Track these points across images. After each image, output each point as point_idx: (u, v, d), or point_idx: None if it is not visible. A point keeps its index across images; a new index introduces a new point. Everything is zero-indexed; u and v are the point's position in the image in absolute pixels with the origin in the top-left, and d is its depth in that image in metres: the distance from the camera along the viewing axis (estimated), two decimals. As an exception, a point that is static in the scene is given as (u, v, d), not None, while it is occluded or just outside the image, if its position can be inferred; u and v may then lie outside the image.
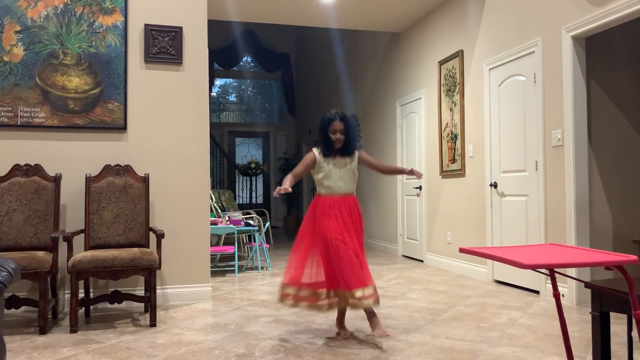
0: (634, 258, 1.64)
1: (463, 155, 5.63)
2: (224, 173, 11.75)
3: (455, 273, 5.71)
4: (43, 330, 3.37)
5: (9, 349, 3.05)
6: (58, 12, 4.13)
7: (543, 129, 4.41)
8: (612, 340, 3.11)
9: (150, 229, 3.98)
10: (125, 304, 4.22)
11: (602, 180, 4.35)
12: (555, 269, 3.15)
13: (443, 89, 6.06)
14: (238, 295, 4.59)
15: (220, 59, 12.15)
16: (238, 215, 6.16)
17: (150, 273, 3.56)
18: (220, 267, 6.28)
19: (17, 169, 3.88)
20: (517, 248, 2.07)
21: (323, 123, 3.27)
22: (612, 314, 3.70)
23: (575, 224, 4.08)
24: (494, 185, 5.07)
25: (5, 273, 1.84)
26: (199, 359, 2.84)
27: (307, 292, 3.15)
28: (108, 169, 4.04)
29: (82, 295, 4.00)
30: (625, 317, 3.60)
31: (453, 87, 5.83)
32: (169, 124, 4.34)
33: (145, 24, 4.27)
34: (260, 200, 13.09)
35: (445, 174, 6.00)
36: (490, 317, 3.73)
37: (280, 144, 13.44)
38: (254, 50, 12.49)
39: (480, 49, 5.35)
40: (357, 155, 3.32)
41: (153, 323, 3.55)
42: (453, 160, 5.83)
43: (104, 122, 4.19)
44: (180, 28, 4.34)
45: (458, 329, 3.40)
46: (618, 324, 3.46)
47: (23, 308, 4.05)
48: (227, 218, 6.03)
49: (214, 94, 13.20)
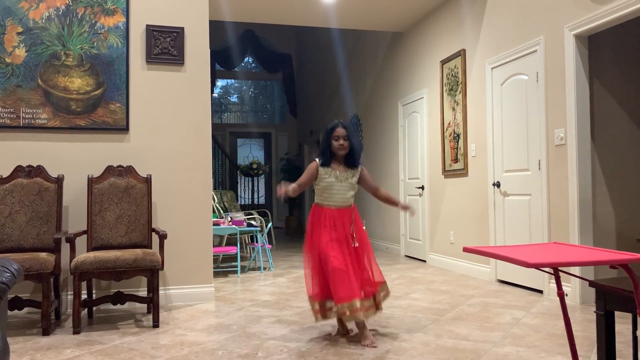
0: (639, 256, 1.64)
1: (465, 155, 5.62)
2: (226, 174, 11.76)
3: (458, 273, 5.70)
4: (46, 332, 3.37)
5: (12, 350, 3.05)
6: (60, 13, 4.13)
7: (546, 128, 4.40)
8: (616, 340, 3.10)
9: (153, 230, 3.98)
10: (128, 305, 4.21)
11: (605, 179, 4.34)
12: (560, 268, 3.14)
13: (445, 89, 6.05)
14: (241, 296, 4.59)
15: (222, 60, 12.15)
16: (240, 216, 6.16)
17: (153, 274, 3.56)
18: (223, 267, 6.28)
19: (19, 171, 3.88)
20: (520, 247, 2.06)
21: (326, 131, 3.29)
22: (616, 313, 3.69)
23: (579, 223, 4.07)
24: (497, 185, 5.05)
25: (8, 274, 1.84)
26: (202, 360, 2.84)
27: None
28: (110, 170, 4.04)
29: (84, 297, 4.00)
30: (630, 316, 3.59)
31: (455, 86, 5.82)
32: (171, 125, 4.34)
33: (147, 25, 4.27)
34: (262, 201, 13.09)
35: (448, 174, 5.99)
36: (494, 316, 3.72)
37: (282, 145, 13.44)
38: (255, 51, 12.49)
39: (482, 48, 5.34)
40: (359, 171, 3.31)
41: (156, 324, 3.54)
42: (455, 160, 5.82)
43: (106, 123, 4.19)
44: (182, 29, 4.34)
45: (461, 329, 3.39)
46: (622, 323, 3.45)
47: (26, 309, 4.05)
48: (229, 219, 6.03)
49: (216, 95, 13.21)
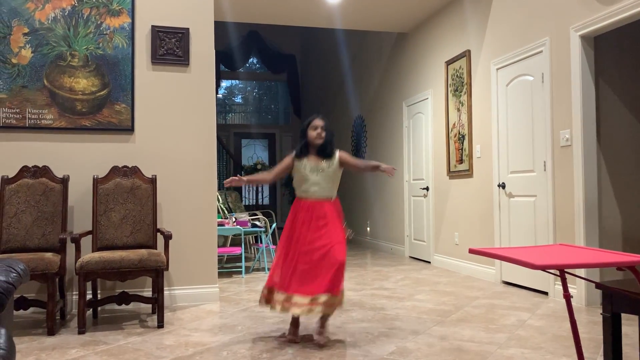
0: (647, 258, 1.63)
1: (470, 156, 5.60)
2: (231, 174, 11.76)
3: (463, 274, 5.68)
4: (51, 332, 3.38)
5: (18, 350, 3.06)
6: (66, 14, 4.15)
7: (551, 129, 4.38)
8: (623, 342, 3.08)
9: (158, 230, 3.98)
10: (133, 305, 4.22)
11: (611, 180, 4.32)
12: (566, 270, 3.12)
13: (450, 89, 6.03)
14: (245, 297, 4.59)
15: (226, 61, 12.17)
16: (245, 217, 6.16)
17: (158, 274, 3.57)
18: (227, 268, 6.28)
19: (25, 171, 3.89)
20: (526, 248, 2.05)
21: (304, 124, 3.32)
22: (623, 315, 3.67)
23: (585, 225, 4.05)
24: (502, 186, 5.04)
25: (15, 274, 1.84)
26: (207, 360, 2.84)
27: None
28: (115, 171, 4.04)
29: (89, 297, 4.01)
30: (637, 318, 3.57)
31: (460, 87, 5.81)
32: (176, 125, 4.35)
33: (152, 26, 4.28)
34: (267, 202, 13.10)
35: (453, 175, 5.98)
36: (499, 318, 3.71)
37: (286, 145, 13.44)
38: (260, 52, 12.50)
39: (488, 49, 5.33)
40: (337, 157, 3.26)
41: (161, 324, 3.55)
42: (460, 161, 5.81)
43: (111, 123, 4.20)
44: (187, 29, 4.35)
45: (466, 331, 3.38)
46: (629, 325, 3.43)
47: (31, 309, 4.06)
48: (233, 219, 6.04)
49: (220, 96, 13.23)
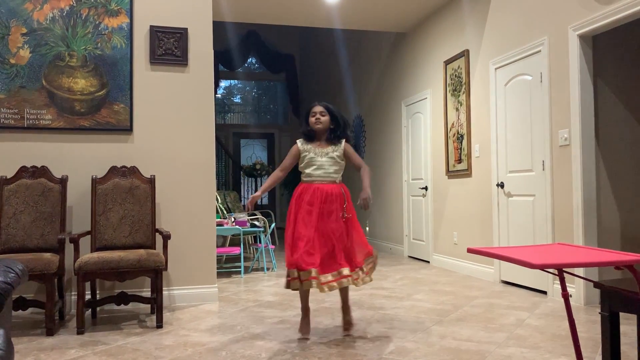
0: (645, 257, 1.63)
1: (469, 156, 5.61)
2: (229, 174, 11.76)
3: (462, 274, 5.69)
4: (50, 332, 3.38)
5: (17, 351, 3.06)
6: (64, 14, 4.14)
7: (550, 129, 4.39)
8: (621, 341, 3.08)
9: (157, 230, 3.98)
10: (132, 306, 4.22)
11: (609, 180, 4.32)
12: (564, 269, 3.13)
13: (449, 89, 6.04)
14: (244, 297, 4.59)
15: (225, 61, 12.16)
16: (243, 217, 6.16)
17: (157, 274, 3.56)
18: (226, 268, 6.28)
19: (23, 171, 3.89)
20: (525, 248, 2.05)
21: (306, 110, 3.35)
22: (621, 314, 3.67)
23: (583, 224, 4.06)
24: (501, 186, 5.04)
25: (13, 274, 1.84)
26: (206, 360, 2.83)
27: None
28: (114, 171, 4.04)
29: (88, 297, 4.00)
30: (635, 317, 3.57)
31: (459, 86, 5.81)
32: (175, 126, 4.35)
33: (151, 26, 4.28)
34: (266, 202, 13.09)
35: (452, 174, 5.98)
36: (498, 317, 3.71)
37: (285, 145, 13.43)
38: (259, 52, 12.49)
39: (486, 49, 5.33)
40: (342, 146, 3.30)
41: (159, 324, 3.55)
42: (459, 161, 5.81)
43: (110, 123, 4.19)
44: (186, 29, 4.34)
45: (465, 330, 3.39)
46: (627, 324, 3.43)
47: (30, 309, 4.06)
48: (232, 219, 6.03)
49: (219, 96, 13.22)
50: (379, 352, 2.95)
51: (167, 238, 3.74)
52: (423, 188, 6.66)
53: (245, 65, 13.09)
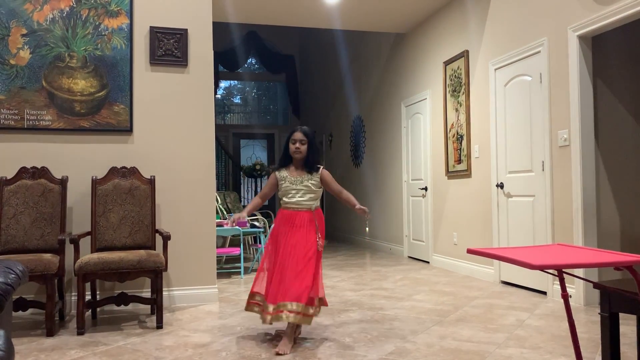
0: (644, 258, 1.63)
1: (469, 156, 5.61)
2: (229, 175, 11.76)
3: (462, 274, 5.69)
4: (50, 333, 3.38)
5: (17, 351, 3.06)
6: (64, 15, 4.15)
7: (549, 129, 4.39)
8: (621, 342, 3.09)
9: (157, 231, 3.98)
10: (132, 306, 4.22)
11: (609, 180, 4.33)
12: (564, 270, 3.13)
13: (448, 90, 6.04)
14: (244, 297, 4.59)
15: (225, 61, 12.17)
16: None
17: (157, 275, 3.57)
18: (226, 268, 6.28)
19: (23, 172, 3.89)
20: (525, 249, 2.05)
21: (287, 136, 3.36)
22: (621, 315, 3.68)
23: (583, 224, 4.06)
24: (500, 186, 5.05)
25: (13, 275, 1.84)
26: (206, 361, 2.84)
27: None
28: (114, 171, 4.04)
29: (88, 298, 4.00)
30: (635, 318, 3.58)
31: (458, 87, 5.81)
32: (175, 126, 4.35)
33: (151, 27, 4.29)
34: (266, 202, 13.09)
35: (451, 175, 5.99)
36: (498, 318, 3.71)
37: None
38: (258, 52, 12.50)
39: (486, 49, 5.34)
40: (319, 173, 3.31)
41: (160, 325, 3.55)
42: (459, 161, 5.81)
43: (110, 124, 4.20)
44: (186, 30, 4.35)
45: (465, 330, 3.39)
46: (627, 325, 3.44)
47: (30, 310, 4.06)
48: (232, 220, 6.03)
49: (219, 96, 13.22)
50: (379, 352, 2.95)
51: (167, 239, 3.74)
52: (423, 188, 6.67)
53: (245, 66, 13.09)
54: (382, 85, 8.07)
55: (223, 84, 13.34)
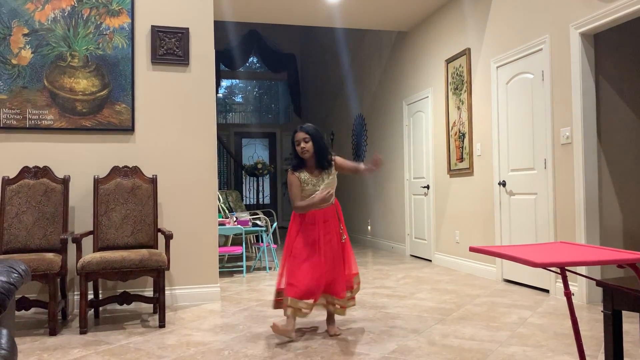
0: (648, 256, 1.63)
1: (471, 154, 5.60)
2: (231, 174, 11.77)
3: (464, 272, 5.69)
4: (53, 332, 3.39)
5: (20, 350, 3.07)
6: (65, 14, 4.15)
7: (551, 127, 4.38)
8: (624, 339, 3.08)
9: (159, 230, 3.99)
10: (134, 305, 4.23)
11: (611, 178, 4.32)
12: (567, 268, 3.12)
13: (450, 88, 6.03)
14: (246, 296, 4.59)
15: (226, 60, 12.16)
16: (245, 216, 6.16)
17: (159, 274, 3.57)
18: (228, 267, 6.29)
19: (26, 171, 3.90)
20: (527, 246, 2.05)
21: (291, 139, 3.40)
22: (624, 313, 3.67)
23: (585, 222, 4.05)
24: (503, 184, 5.04)
25: (16, 274, 1.85)
26: (209, 360, 2.84)
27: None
28: (116, 171, 4.05)
29: (91, 297, 4.01)
30: (638, 315, 3.57)
31: (460, 85, 5.81)
32: (177, 125, 4.35)
33: (152, 26, 4.28)
34: (267, 201, 13.10)
35: (453, 173, 5.98)
36: (500, 316, 3.71)
37: (287, 145, 13.43)
38: (260, 51, 12.49)
39: (488, 47, 5.33)
40: (334, 165, 3.36)
41: (162, 324, 3.55)
42: (461, 159, 5.81)
43: (112, 123, 4.20)
44: (187, 29, 4.35)
45: (467, 329, 3.39)
46: (630, 323, 3.43)
47: (33, 309, 4.07)
48: (234, 219, 6.04)
49: (220, 95, 13.23)
50: (382, 351, 2.95)
51: (169, 238, 3.74)
52: (425, 187, 6.66)
53: (247, 65, 13.09)
54: (383, 84, 8.06)
55: (224, 83, 13.34)
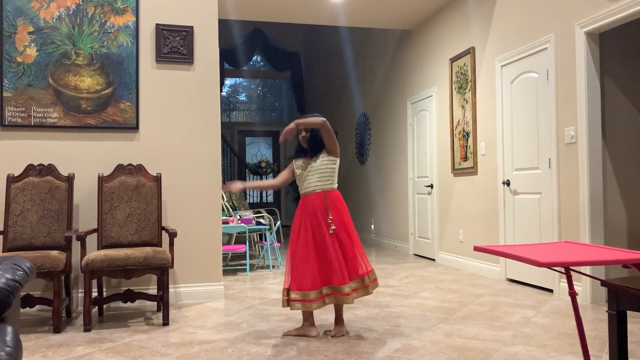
0: (653, 256, 1.62)
1: (475, 153, 5.59)
2: (235, 172, 11.78)
3: (468, 272, 5.68)
4: (57, 329, 3.40)
5: (24, 348, 3.08)
6: (70, 12, 4.16)
7: (556, 126, 4.37)
8: (628, 340, 3.07)
9: (163, 228, 3.99)
10: (138, 303, 4.24)
11: (616, 177, 4.30)
12: (571, 267, 3.12)
13: (454, 87, 6.02)
14: (250, 294, 4.60)
15: (230, 59, 12.17)
16: (249, 214, 6.17)
17: (163, 272, 3.58)
18: (232, 266, 6.30)
19: (30, 169, 3.91)
20: (531, 246, 2.05)
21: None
22: (628, 313, 3.66)
23: (590, 222, 4.04)
24: (507, 183, 5.03)
25: (21, 272, 1.85)
26: (212, 358, 2.84)
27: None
28: (120, 169, 4.06)
29: (95, 294, 4.02)
30: (641, 315, 3.56)
31: (465, 84, 5.79)
32: (181, 124, 4.36)
33: (157, 24, 4.29)
34: (271, 199, 13.11)
35: (457, 172, 5.97)
36: (504, 315, 3.70)
37: (290, 143, 13.44)
38: (264, 50, 12.49)
39: (492, 46, 5.31)
40: (323, 151, 3.35)
41: (166, 322, 3.56)
42: (465, 158, 5.80)
43: (116, 122, 4.21)
44: (191, 27, 4.35)
45: (471, 328, 3.38)
46: (635, 323, 3.42)
47: (37, 307, 4.09)
48: (238, 217, 6.05)
49: (224, 94, 13.24)
50: (385, 350, 2.95)
51: (173, 236, 3.75)
52: (428, 186, 6.65)
53: (251, 63, 13.09)
54: (387, 83, 8.05)
55: (228, 82, 13.35)
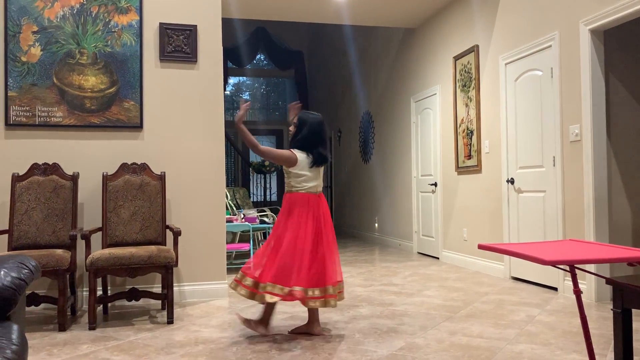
0: (658, 254, 1.61)
1: (479, 151, 5.58)
2: (239, 171, 11.80)
3: (472, 270, 5.67)
4: (62, 327, 3.41)
5: (30, 346, 3.09)
6: (74, 12, 4.17)
7: (560, 124, 4.35)
8: (633, 338, 3.06)
9: (167, 227, 4.00)
10: (143, 302, 4.25)
11: (620, 175, 4.29)
12: (576, 265, 3.11)
13: (458, 85, 6.01)
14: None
15: (234, 57, 12.16)
16: (253, 213, 6.17)
17: (167, 270, 3.59)
18: (236, 264, 6.30)
19: (35, 168, 3.92)
20: (536, 244, 2.04)
21: (322, 127, 3.38)
22: (633, 311, 3.65)
23: (594, 220, 4.03)
24: (511, 182, 5.02)
25: (27, 270, 1.86)
26: (217, 356, 2.85)
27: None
28: (125, 168, 4.07)
29: (100, 293, 4.04)
30: (646, 314, 3.55)
31: (468, 82, 5.78)
32: (185, 122, 4.36)
33: (160, 23, 4.30)
34: (275, 198, 13.12)
35: (461, 170, 5.96)
36: (508, 314, 3.70)
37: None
38: (267, 48, 12.48)
39: (496, 44, 5.30)
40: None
41: (170, 320, 3.57)
42: (469, 157, 5.79)
43: (120, 120, 4.22)
44: (195, 26, 4.35)
45: (475, 326, 3.38)
46: (639, 321, 3.41)
47: (42, 305, 4.10)
48: (242, 215, 6.05)
49: (228, 92, 13.25)
50: (389, 348, 2.95)
51: (177, 234, 3.76)
52: (432, 184, 6.64)
53: (254, 62, 13.10)
54: (391, 81, 8.04)
55: (232, 80, 13.36)
